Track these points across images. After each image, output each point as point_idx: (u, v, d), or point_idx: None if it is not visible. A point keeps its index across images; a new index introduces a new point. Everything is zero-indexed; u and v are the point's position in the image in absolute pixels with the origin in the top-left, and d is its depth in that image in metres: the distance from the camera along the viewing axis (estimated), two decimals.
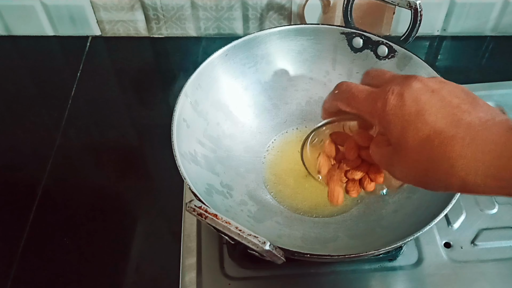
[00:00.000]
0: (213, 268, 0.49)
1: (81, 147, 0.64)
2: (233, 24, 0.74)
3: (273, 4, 0.71)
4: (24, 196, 0.58)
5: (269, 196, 0.53)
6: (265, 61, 0.57)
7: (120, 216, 0.56)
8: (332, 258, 0.40)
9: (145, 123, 0.66)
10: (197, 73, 0.51)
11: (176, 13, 0.73)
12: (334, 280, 0.48)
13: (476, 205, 0.53)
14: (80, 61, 0.74)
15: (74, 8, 0.72)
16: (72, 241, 0.54)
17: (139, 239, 0.54)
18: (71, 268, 0.53)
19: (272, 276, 0.49)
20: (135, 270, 0.52)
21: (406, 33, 0.53)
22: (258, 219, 0.50)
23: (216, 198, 0.48)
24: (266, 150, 0.57)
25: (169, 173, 0.47)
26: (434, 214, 0.42)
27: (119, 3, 0.72)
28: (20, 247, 0.54)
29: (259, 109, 0.58)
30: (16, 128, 0.66)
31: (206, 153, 0.52)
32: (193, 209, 0.37)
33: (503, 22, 0.73)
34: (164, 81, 0.72)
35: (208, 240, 0.51)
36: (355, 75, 0.57)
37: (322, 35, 0.56)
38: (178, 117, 0.48)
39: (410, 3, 0.51)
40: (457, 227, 0.52)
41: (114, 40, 0.76)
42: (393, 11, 0.71)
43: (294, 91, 0.59)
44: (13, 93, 0.71)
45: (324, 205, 0.52)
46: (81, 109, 0.68)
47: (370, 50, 0.55)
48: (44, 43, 0.76)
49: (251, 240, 0.36)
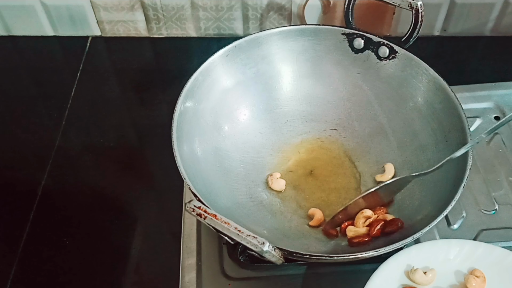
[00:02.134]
0: (213, 268, 0.49)
1: (81, 147, 0.64)
2: (233, 24, 0.74)
3: (273, 5, 0.71)
4: (24, 196, 0.58)
5: (269, 196, 0.53)
6: (266, 61, 0.57)
7: (120, 216, 0.56)
8: (331, 258, 0.40)
9: (145, 123, 0.66)
10: (198, 73, 0.51)
11: (176, 13, 0.73)
12: (334, 280, 0.48)
13: (476, 205, 0.53)
14: (80, 61, 0.74)
15: (74, 8, 0.72)
16: (72, 241, 0.54)
17: (139, 239, 0.54)
18: (71, 268, 0.53)
19: (272, 276, 0.49)
20: (135, 270, 0.52)
21: (407, 34, 0.53)
22: (257, 220, 0.50)
23: (216, 198, 0.48)
24: (267, 151, 0.57)
25: (169, 173, 0.47)
26: (434, 215, 0.42)
27: (119, 3, 0.72)
28: (20, 247, 0.54)
29: (260, 110, 0.58)
30: (16, 128, 0.66)
31: (206, 153, 0.52)
32: (193, 209, 0.37)
33: (503, 23, 0.73)
34: (164, 81, 0.72)
35: (208, 240, 0.51)
36: (355, 76, 0.57)
37: (323, 36, 0.56)
38: (178, 117, 0.48)
39: (411, 4, 0.51)
40: (457, 227, 0.52)
41: (114, 40, 0.76)
42: (393, 12, 0.71)
43: (294, 92, 0.59)
44: (13, 93, 0.71)
45: (324, 205, 0.52)
46: (81, 109, 0.68)
47: (371, 51, 0.55)
48: (44, 43, 0.76)
49: (250, 240, 0.36)
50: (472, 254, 0.45)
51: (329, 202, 0.53)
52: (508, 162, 0.57)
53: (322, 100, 0.59)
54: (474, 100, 0.62)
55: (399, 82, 0.55)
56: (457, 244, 0.46)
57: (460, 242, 0.46)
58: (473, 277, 0.44)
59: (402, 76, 0.54)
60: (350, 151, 0.56)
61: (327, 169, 0.55)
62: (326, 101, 0.59)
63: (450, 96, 0.50)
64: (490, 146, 0.58)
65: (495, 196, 0.54)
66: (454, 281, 0.45)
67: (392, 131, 0.55)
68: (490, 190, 0.54)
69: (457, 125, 0.48)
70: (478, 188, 0.55)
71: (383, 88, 0.56)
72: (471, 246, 0.46)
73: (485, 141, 0.58)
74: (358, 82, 0.57)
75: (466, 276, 0.44)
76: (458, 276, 0.45)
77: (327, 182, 0.54)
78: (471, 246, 0.46)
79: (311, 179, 0.54)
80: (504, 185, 0.55)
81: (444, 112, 0.50)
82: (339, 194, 0.53)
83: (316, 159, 0.56)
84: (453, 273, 0.45)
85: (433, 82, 0.52)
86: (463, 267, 0.45)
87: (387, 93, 0.56)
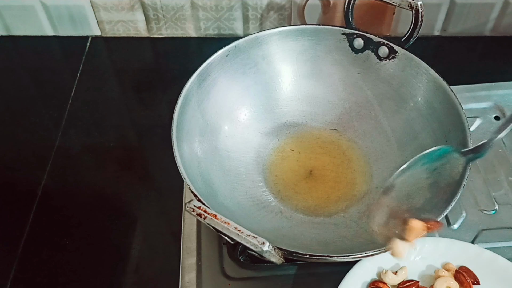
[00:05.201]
0: (213, 268, 0.49)
1: (81, 147, 0.64)
2: (233, 24, 0.74)
3: (273, 5, 0.71)
4: (24, 196, 0.58)
5: (269, 197, 0.53)
6: (265, 61, 0.57)
7: (120, 216, 0.56)
8: (331, 258, 0.40)
9: (145, 123, 0.66)
10: (198, 73, 0.51)
11: (176, 13, 0.73)
12: (334, 280, 0.48)
13: (476, 206, 0.53)
14: (80, 61, 0.74)
15: (74, 8, 0.72)
16: (72, 241, 0.54)
17: (139, 239, 0.54)
18: (71, 268, 0.53)
19: (272, 276, 0.49)
20: (135, 270, 0.52)
21: (407, 34, 0.53)
22: (257, 220, 0.50)
23: (216, 198, 0.48)
24: (267, 151, 0.57)
25: (169, 173, 0.47)
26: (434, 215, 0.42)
27: (119, 3, 0.72)
28: (20, 247, 0.54)
29: (260, 110, 0.58)
30: (16, 128, 0.66)
31: (206, 153, 0.52)
32: (193, 209, 0.37)
33: (503, 23, 0.73)
34: (164, 81, 0.72)
35: (208, 240, 0.51)
36: (355, 76, 0.57)
37: (323, 36, 0.56)
38: (178, 117, 0.48)
39: (411, 4, 0.51)
40: (457, 227, 0.52)
41: (114, 40, 0.76)
42: (393, 12, 0.71)
43: (294, 92, 0.59)
44: (13, 93, 0.71)
45: (324, 205, 0.52)
46: (81, 109, 0.68)
47: (371, 51, 0.56)
48: (44, 43, 0.76)
49: (250, 240, 0.36)
50: (446, 251, 0.47)
51: (329, 201, 0.53)
52: (508, 162, 0.57)
53: (322, 100, 0.59)
54: (474, 100, 0.62)
55: (399, 82, 0.55)
56: (431, 242, 0.47)
57: (434, 240, 0.47)
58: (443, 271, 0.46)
59: (402, 76, 0.54)
60: (350, 151, 0.56)
61: (327, 169, 0.55)
62: (326, 101, 0.59)
63: (450, 96, 0.50)
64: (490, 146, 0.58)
65: (495, 196, 0.54)
66: (426, 274, 0.46)
67: (392, 131, 0.55)
68: (490, 190, 0.54)
69: (457, 125, 0.48)
70: (478, 188, 0.55)
71: (383, 88, 0.56)
72: (445, 244, 0.47)
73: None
74: (358, 82, 0.57)
75: (437, 270, 0.46)
76: (430, 270, 0.46)
77: (327, 182, 0.54)
78: (445, 244, 0.47)
79: (311, 179, 0.54)
80: (504, 185, 0.55)
81: (444, 112, 0.50)
82: (339, 193, 0.53)
83: (316, 159, 0.56)
84: (424, 267, 0.47)
85: (433, 82, 0.52)
86: (436, 263, 0.47)
87: (387, 93, 0.56)
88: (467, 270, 0.46)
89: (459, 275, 0.45)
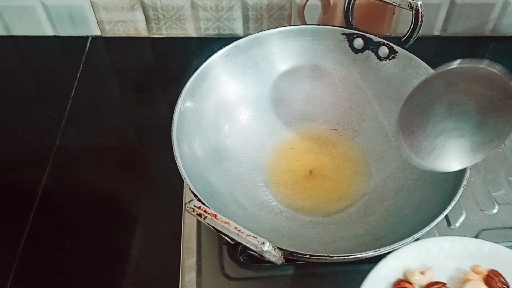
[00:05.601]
0: (213, 268, 0.49)
1: (81, 147, 0.64)
2: (233, 24, 0.74)
3: (273, 5, 0.71)
4: (24, 196, 0.58)
5: (269, 196, 0.53)
6: (266, 61, 0.57)
7: (120, 216, 0.56)
8: (331, 258, 0.40)
9: (145, 123, 0.66)
10: (198, 73, 0.51)
11: (176, 13, 0.73)
12: (334, 280, 0.48)
13: (476, 206, 0.53)
14: (80, 61, 0.74)
15: (74, 8, 0.72)
16: (72, 241, 0.54)
17: (139, 239, 0.54)
18: (71, 268, 0.52)
19: (272, 276, 0.49)
20: (135, 270, 0.52)
21: (407, 34, 0.53)
22: (257, 220, 0.50)
23: (216, 198, 0.48)
24: (267, 151, 0.57)
25: (169, 173, 0.47)
26: (434, 215, 0.42)
27: (119, 3, 0.72)
28: (20, 247, 0.54)
29: (260, 110, 0.58)
30: (16, 128, 0.66)
31: (206, 153, 0.52)
32: (193, 209, 0.37)
33: (503, 23, 0.73)
34: (164, 81, 0.72)
35: (208, 240, 0.51)
36: (355, 76, 0.57)
37: (323, 36, 0.56)
38: (178, 117, 0.48)
39: (411, 4, 0.51)
40: (457, 227, 0.52)
41: (114, 40, 0.76)
42: (393, 12, 0.71)
43: (294, 92, 0.59)
44: (13, 93, 0.71)
45: (324, 205, 0.52)
46: (81, 109, 0.68)
47: (371, 51, 0.56)
48: (44, 43, 0.76)
49: (250, 240, 0.36)
50: (477, 251, 0.44)
51: (329, 201, 0.53)
52: (508, 162, 0.57)
53: (322, 100, 0.59)
54: None
55: (399, 82, 0.55)
56: (461, 241, 0.44)
57: (463, 240, 0.44)
58: (472, 274, 0.43)
59: (402, 76, 0.54)
60: (350, 151, 0.56)
61: (327, 169, 0.55)
62: (326, 101, 0.59)
63: None
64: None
65: (495, 196, 0.54)
66: (455, 276, 0.44)
67: (392, 131, 0.55)
68: (490, 190, 0.54)
69: None
70: (478, 188, 0.55)
71: (383, 88, 0.56)
72: (475, 244, 0.44)
73: None
74: (358, 82, 0.57)
75: (466, 272, 0.43)
76: (458, 272, 0.44)
77: (327, 182, 0.54)
78: (475, 244, 0.44)
79: (311, 179, 0.54)
80: (504, 185, 0.55)
81: None
82: (339, 193, 0.53)
83: (316, 159, 0.56)
84: (453, 269, 0.44)
85: None
86: (465, 265, 0.44)
87: (387, 93, 0.56)
88: (498, 274, 0.43)
89: (490, 280, 0.42)
